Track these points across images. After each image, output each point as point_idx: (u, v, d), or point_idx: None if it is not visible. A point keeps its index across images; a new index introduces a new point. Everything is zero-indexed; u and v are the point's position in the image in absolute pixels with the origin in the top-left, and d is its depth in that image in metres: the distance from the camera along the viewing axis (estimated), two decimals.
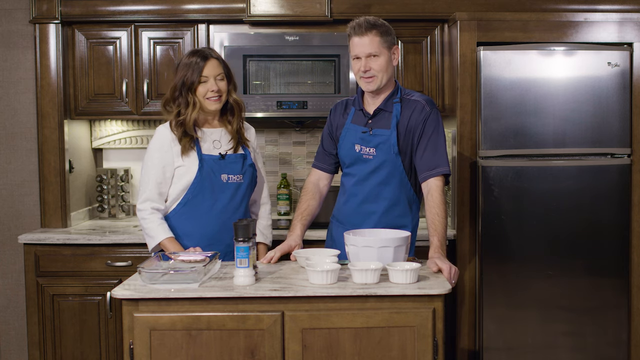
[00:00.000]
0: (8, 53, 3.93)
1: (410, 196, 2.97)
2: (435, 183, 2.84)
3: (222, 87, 2.97)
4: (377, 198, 2.95)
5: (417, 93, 2.99)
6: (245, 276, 2.46)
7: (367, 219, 2.96)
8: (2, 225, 3.99)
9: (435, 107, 2.94)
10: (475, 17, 3.61)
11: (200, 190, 2.97)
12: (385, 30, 2.89)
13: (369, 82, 2.89)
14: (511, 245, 3.58)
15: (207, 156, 2.98)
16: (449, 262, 2.66)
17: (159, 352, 2.38)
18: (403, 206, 2.96)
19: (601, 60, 3.56)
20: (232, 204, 3.01)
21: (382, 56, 2.87)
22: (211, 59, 2.95)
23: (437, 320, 2.40)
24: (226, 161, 3.00)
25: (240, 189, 3.03)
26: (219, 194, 2.99)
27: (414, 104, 2.92)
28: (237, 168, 3.02)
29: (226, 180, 2.99)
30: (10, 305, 4.01)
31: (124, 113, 3.96)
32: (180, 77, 2.94)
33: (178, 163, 2.96)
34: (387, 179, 2.93)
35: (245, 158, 3.05)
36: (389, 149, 2.90)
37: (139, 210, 2.97)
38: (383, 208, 2.95)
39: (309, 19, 3.85)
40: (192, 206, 2.98)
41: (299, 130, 4.32)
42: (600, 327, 3.62)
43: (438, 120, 2.91)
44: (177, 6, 3.85)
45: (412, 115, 2.90)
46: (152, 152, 2.99)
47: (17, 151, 3.97)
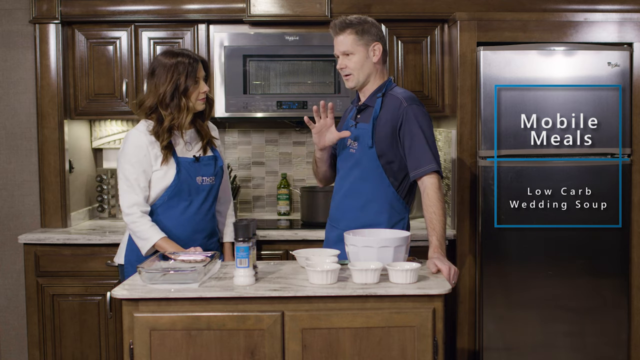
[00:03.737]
0: (8, 53, 3.93)
1: (390, 194, 2.90)
2: (429, 181, 2.80)
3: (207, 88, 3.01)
4: (355, 193, 2.94)
5: (402, 89, 2.96)
6: (245, 276, 2.46)
7: (346, 215, 2.96)
8: (2, 225, 3.99)
9: (414, 103, 2.87)
10: (475, 17, 3.61)
11: (176, 193, 2.97)
12: (362, 29, 2.89)
13: (346, 79, 2.94)
14: (511, 245, 3.58)
15: (183, 159, 2.98)
16: (449, 262, 2.65)
17: (159, 352, 2.38)
18: (380, 204, 2.90)
19: (601, 60, 3.56)
20: (205, 206, 3.04)
21: (358, 54, 2.89)
22: (199, 63, 2.97)
23: (437, 320, 2.40)
24: (200, 164, 3.01)
25: (212, 191, 3.06)
26: (194, 196, 3.00)
27: (393, 100, 2.90)
28: (210, 170, 3.04)
29: (201, 183, 3.01)
30: (10, 305, 4.01)
31: (124, 113, 3.96)
32: (171, 81, 2.91)
33: (156, 167, 2.95)
34: (365, 174, 2.91)
35: (216, 160, 3.07)
36: (365, 143, 2.89)
37: (127, 215, 2.92)
38: (360, 204, 2.92)
39: (309, 19, 3.85)
40: (167, 208, 2.98)
41: (299, 130, 4.32)
42: (600, 327, 3.62)
43: (418, 116, 2.85)
44: (177, 6, 3.85)
45: (390, 110, 2.88)
46: (129, 157, 2.93)
47: (17, 151, 3.98)
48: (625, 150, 3.59)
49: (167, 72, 2.91)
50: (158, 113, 2.94)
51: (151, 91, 2.95)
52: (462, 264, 3.63)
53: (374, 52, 2.91)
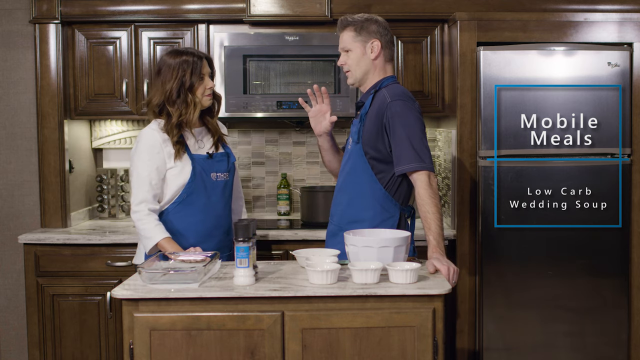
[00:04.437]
0: (8, 53, 3.93)
1: (377, 190, 2.87)
2: (418, 178, 2.77)
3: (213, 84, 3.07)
4: (344, 188, 2.95)
5: (394, 86, 2.92)
6: (245, 276, 2.46)
7: (337, 209, 2.99)
8: (2, 225, 3.99)
9: (399, 99, 2.83)
10: (475, 17, 3.61)
11: (194, 189, 3.00)
12: (361, 26, 2.92)
13: (347, 76, 2.99)
14: (511, 245, 3.58)
15: (197, 156, 3.03)
16: (448, 261, 2.64)
17: (159, 352, 2.38)
18: (366, 200, 2.89)
19: (601, 60, 3.56)
20: (222, 202, 3.09)
21: (355, 50, 2.92)
22: (204, 59, 3.03)
23: (437, 320, 2.40)
24: (213, 160, 3.07)
25: (227, 186, 3.12)
26: (210, 192, 3.04)
27: (380, 96, 2.89)
28: (223, 166, 3.10)
29: (215, 179, 3.06)
30: (10, 305, 4.01)
31: (124, 113, 3.96)
32: (176, 78, 2.96)
33: (170, 164, 2.98)
34: (354, 169, 2.92)
35: (228, 156, 3.13)
36: (354, 139, 2.92)
37: (134, 212, 2.96)
38: (347, 199, 2.94)
39: (309, 19, 3.85)
40: (188, 204, 3.01)
41: (299, 130, 4.32)
42: (600, 327, 3.62)
43: (400, 112, 2.81)
44: (177, 6, 3.85)
45: (377, 107, 2.88)
46: (142, 155, 2.98)
47: (17, 151, 3.98)
48: (625, 150, 3.60)
49: (172, 70, 2.97)
50: (167, 110, 2.99)
51: (158, 89, 3.01)
52: (462, 264, 3.63)
53: (372, 49, 2.92)
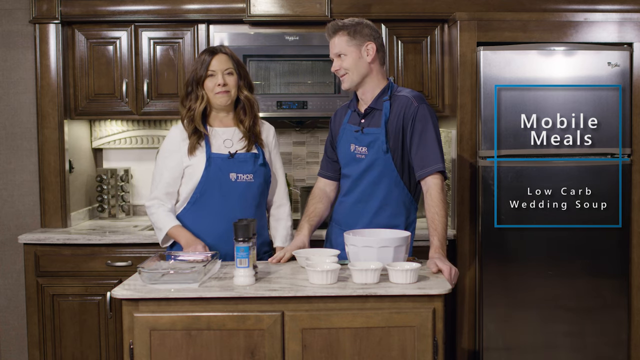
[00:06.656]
0: (8, 53, 3.93)
1: (404, 195, 2.94)
2: (433, 181, 2.82)
3: (230, 82, 2.98)
4: (369, 198, 2.94)
5: (407, 89, 2.98)
6: (245, 276, 2.46)
7: (360, 219, 2.95)
8: (2, 225, 3.99)
9: (423, 103, 2.90)
10: (475, 17, 3.61)
11: (207, 188, 2.96)
12: (354, 30, 2.90)
13: (342, 80, 2.96)
14: (511, 245, 3.58)
15: (216, 155, 2.98)
16: (449, 262, 2.66)
17: (159, 352, 2.38)
18: (395, 206, 2.93)
19: (601, 60, 3.56)
20: (242, 204, 2.99)
21: (350, 55, 2.90)
22: (219, 54, 2.99)
23: (437, 320, 2.40)
24: (235, 160, 2.99)
25: (250, 189, 3.01)
26: (227, 192, 2.97)
27: (402, 100, 2.91)
28: (247, 167, 3.01)
29: (235, 179, 2.98)
30: (10, 305, 4.01)
31: (124, 113, 3.96)
32: (190, 72, 3.01)
33: (187, 162, 2.98)
34: (379, 178, 2.92)
35: (256, 157, 3.03)
36: (379, 148, 2.89)
37: (147, 207, 3.02)
38: (375, 208, 2.93)
39: (309, 19, 3.85)
40: (201, 204, 2.98)
41: (299, 130, 4.32)
42: (600, 327, 3.62)
43: (427, 115, 2.87)
44: (177, 6, 3.85)
45: (401, 112, 2.89)
46: (163, 152, 3.04)
47: (17, 151, 3.97)
48: (625, 150, 3.60)
49: (192, 65, 3.03)
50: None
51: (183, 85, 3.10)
52: (462, 264, 3.63)
53: (367, 52, 2.91)
